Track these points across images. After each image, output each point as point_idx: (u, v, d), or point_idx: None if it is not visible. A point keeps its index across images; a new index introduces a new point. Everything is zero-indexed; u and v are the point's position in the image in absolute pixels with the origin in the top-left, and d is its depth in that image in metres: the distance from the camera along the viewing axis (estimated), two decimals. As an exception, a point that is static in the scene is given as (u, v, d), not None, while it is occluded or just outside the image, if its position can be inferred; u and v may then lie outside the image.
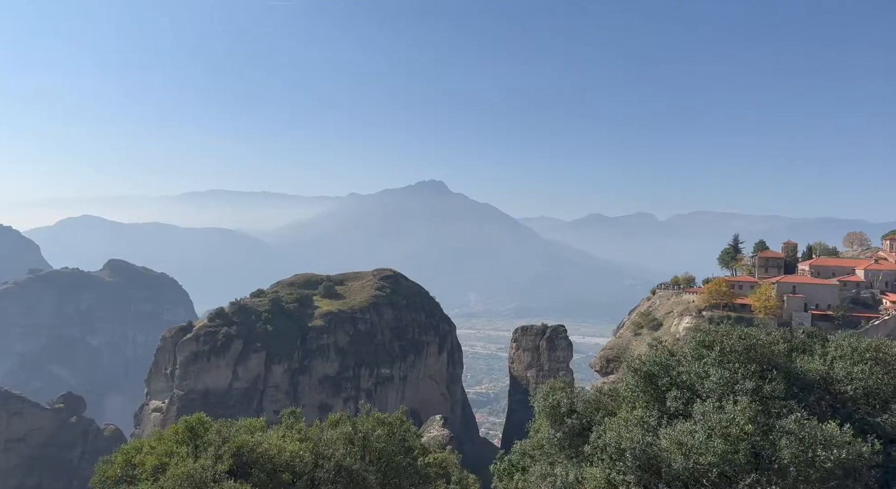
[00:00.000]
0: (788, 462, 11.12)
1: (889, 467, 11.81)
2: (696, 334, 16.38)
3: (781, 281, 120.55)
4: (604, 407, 18.86)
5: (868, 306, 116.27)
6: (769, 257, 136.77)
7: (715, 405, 13.15)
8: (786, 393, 13.13)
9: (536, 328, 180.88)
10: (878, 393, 13.54)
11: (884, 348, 14.31)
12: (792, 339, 16.21)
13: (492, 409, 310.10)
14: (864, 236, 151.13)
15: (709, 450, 11.73)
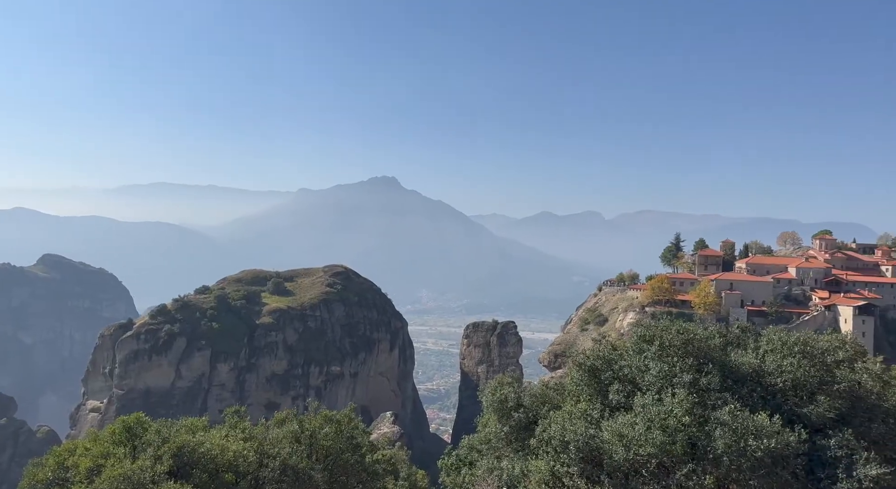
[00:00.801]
0: (722, 452, 11.62)
1: (814, 455, 12.48)
2: (637, 329, 16.87)
3: (720, 278, 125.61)
4: (550, 401, 19.23)
5: (799, 302, 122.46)
6: (708, 255, 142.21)
7: (654, 398, 13.58)
8: (721, 385, 13.69)
9: (487, 324, 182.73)
10: (805, 384, 14.26)
11: (810, 342, 15.08)
12: (727, 334, 16.88)
13: (443, 405, 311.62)
14: (796, 236, 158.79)
15: (648, 441, 12.12)
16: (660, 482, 11.85)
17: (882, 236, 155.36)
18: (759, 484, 11.50)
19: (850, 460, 12.05)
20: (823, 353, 14.95)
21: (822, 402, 13.55)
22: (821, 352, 15.00)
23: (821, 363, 14.79)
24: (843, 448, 12.38)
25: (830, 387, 14.30)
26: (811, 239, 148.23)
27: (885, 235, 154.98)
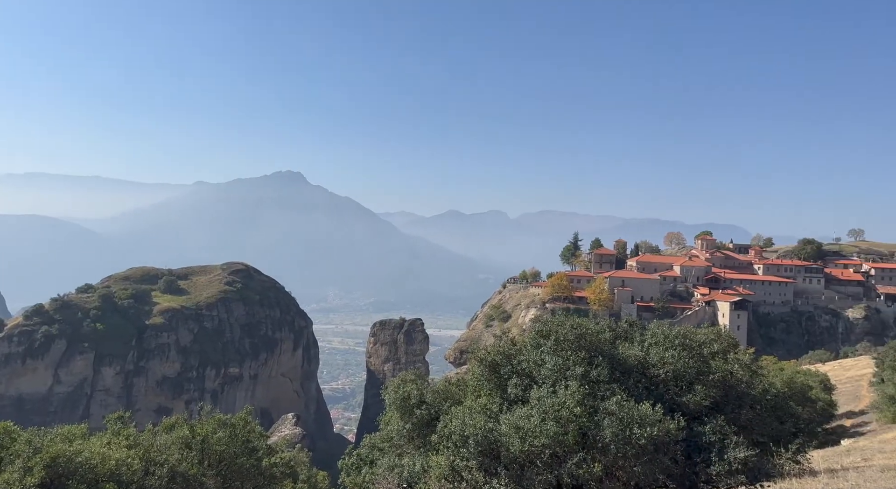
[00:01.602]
0: (610, 440, 12.24)
1: (691, 440, 13.43)
2: (535, 325, 17.41)
3: (613, 275, 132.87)
4: (452, 396, 19.47)
5: (683, 298, 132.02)
6: (603, 254, 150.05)
7: (549, 390, 14.07)
8: (609, 377, 14.39)
9: (394, 322, 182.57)
10: (684, 375, 15.26)
11: (689, 336, 16.17)
12: (616, 329, 17.76)
13: (348, 405, 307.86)
14: (680, 236, 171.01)
15: (542, 432, 12.55)
16: (553, 471, 12.34)
17: (755, 237, 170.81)
18: (643, 469, 12.26)
19: (722, 444, 13.09)
20: (701, 346, 16.08)
21: (699, 391, 14.59)
22: (698, 345, 16.12)
23: (698, 355, 15.90)
24: (717, 433, 13.42)
25: (706, 377, 15.41)
26: (694, 239, 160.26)
27: (758, 236, 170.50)
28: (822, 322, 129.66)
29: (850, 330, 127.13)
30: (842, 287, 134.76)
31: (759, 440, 15.16)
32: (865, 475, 17.52)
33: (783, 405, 17.04)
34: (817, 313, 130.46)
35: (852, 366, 76.69)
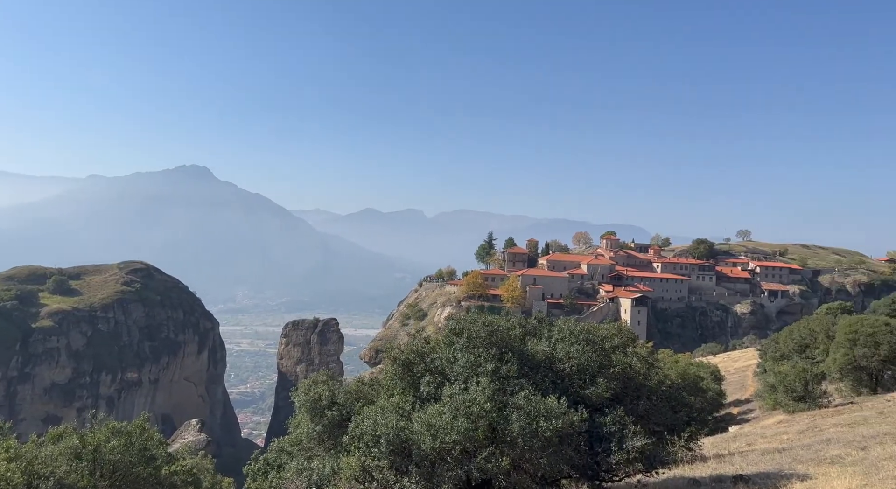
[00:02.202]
0: (518, 434, 12.57)
1: (593, 432, 14.05)
2: (448, 323, 17.57)
3: (525, 274, 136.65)
4: (364, 396, 19.30)
5: (589, 295, 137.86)
6: (516, 253, 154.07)
7: (461, 387, 14.24)
8: (518, 372, 14.76)
9: (308, 322, 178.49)
10: (588, 369, 15.91)
11: (593, 331, 16.89)
12: (526, 325, 18.23)
13: (257, 408, 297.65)
14: (587, 236, 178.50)
15: (454, 429, 12.70)
16: (462, 467, 12.53)
17: (654, 237, 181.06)
18: (548, 461, 12.70)
19: (621, 434, 13.78)
20: (603, 340, 16.83)
21: (601, 384, 15.28)
22: (601, 340, 16.86)
23: (601, 349, 16.63)
24: (617, 424, 14.10)
25: (608, 370, 16.15)
26: (600, 239, 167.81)
27: (657, 236, 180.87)
28: (713, 317, 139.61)
29: (739, 324, 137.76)
30: (731, 284, 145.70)
31: (656, 429, 16.09)
32: (749, 459, 19.04)
33: (677, 395, 18.15)
34: (709, 308, 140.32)
35: (740, 358, 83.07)
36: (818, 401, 32.90)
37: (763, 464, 17.03)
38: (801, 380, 33.23)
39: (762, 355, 54.40)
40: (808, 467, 15.35)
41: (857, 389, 34.76)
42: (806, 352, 45.07)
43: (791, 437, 23.38)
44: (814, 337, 45.16)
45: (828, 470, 14.41)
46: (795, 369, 34.48)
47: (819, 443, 19.60)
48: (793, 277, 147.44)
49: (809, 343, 45.53)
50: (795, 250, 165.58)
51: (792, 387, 33.45)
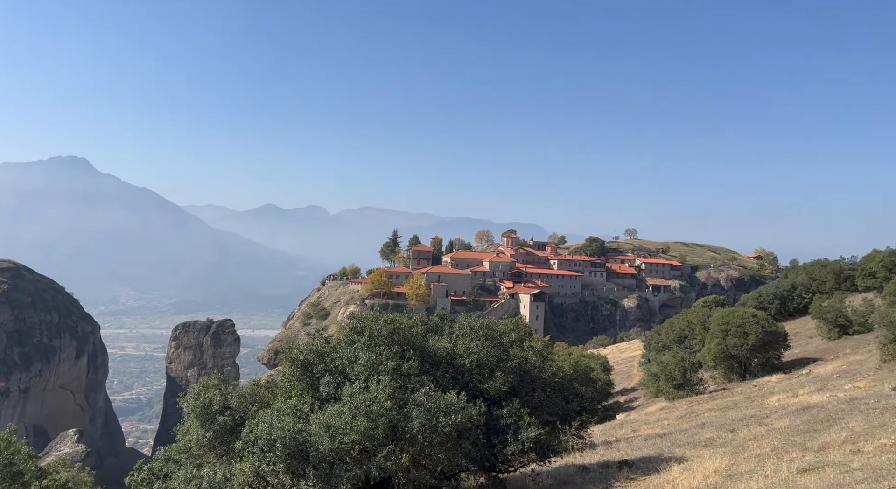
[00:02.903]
0: (417, 430, 12.64)
1: (491, 425, 14.40)
2: (349, 321, 17.36)
3: (429, 271, 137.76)
4: (260, 400, 18.64)
5: (491, 292, 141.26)
6: (421, 250, 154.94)
7: (362, 386, 14.11)
8: (419, 369, 14.84)
9: (201, 324, 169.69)
10: (487, 363, 16.29)
11: (492, 326, 17.31)
12: (428, 322, 18.36)
13: (143, 416, 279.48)
14: (490, 234, 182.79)
15: (353, 429, 12.56)
16: (362, 466, 12.42)
17: (551, 235, 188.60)
18: (447, 456, 12.88)
19: (517, 426, 14.23)
20: (501, 335, 17.29)
21: (499, 378, 15.70)
22: (499, 335, 17.31)
23: (499, 344, 17.08)
24: (513, 416, 14.55)
25: (505, 364, 16.61)
26: (501, 237, 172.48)
27: (554, 235, 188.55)
28: (604, 310, 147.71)
29: (626, 317, 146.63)
30: (620, 279, 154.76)
31: (549, 419, 16.77)
32: (633, 444, 20.32)
33: (569, 386, 19.00)
34: (600, 303, 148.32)
35: (627, 349, 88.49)
36: (695, 388, 35.69)
37: (646, 449, 18.23)
38: (680, 369, 35.89)
39: (646, 346, 58.25)
40: (685, 450, 16.62)
41: (728, 376, 38.02)
42: (685, 342, 48.81)
43: (671, 423, 25.21)
44: (691, 328, 48.98)
45: (702, 452, 15.68)
46: (675, 359, 37.20)
47: (695, 427, 21.28)
48: (674, 273, 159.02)
49: (688, 334, 49.33)
50: (676, 248, 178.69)
51: (672, 376, 36.06)
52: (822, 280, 59.42)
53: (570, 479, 15.01)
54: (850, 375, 26.43)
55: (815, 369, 32.16)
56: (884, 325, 28.47)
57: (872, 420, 13.78)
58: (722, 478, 11.69)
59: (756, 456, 13.18)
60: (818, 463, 10.96)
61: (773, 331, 36.97)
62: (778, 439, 14.54)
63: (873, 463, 10.01)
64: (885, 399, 16.44)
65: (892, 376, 22.24)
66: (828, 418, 15.64)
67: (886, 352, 27.78)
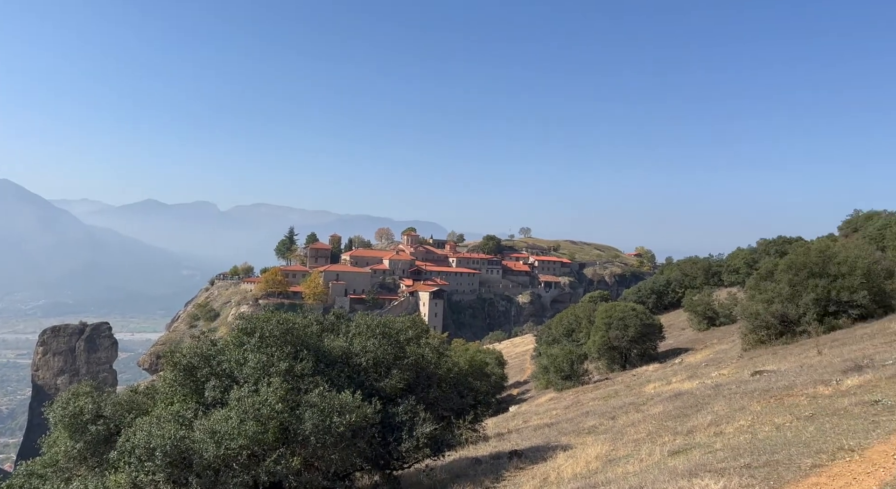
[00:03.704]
0: (310, 432, 12.39)
1: (386, 422, 14.40)
2: (238, 322, 16.69)
3: (328, 270, 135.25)
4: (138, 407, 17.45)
5: (391, 290, 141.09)
6: (319, 248, 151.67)
7: (251, 389, 13.62)
8: (314, 369, 14.55)
9: (73, 327, 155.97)
10: (384, 361, 16.27)
11: (389, 324, 17.30)
12: (324, 321, 18.04)
13: (5, 428, 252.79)
14: (390, 232, 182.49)
15: (241, 434, 12.09)
16: (250, 471, 11.99)
17: (450, 233, 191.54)
18: (340, 456, 12.72)
19: (412, 422, 14.33)
20: (398, 333, 17.33)
21: (395, 375, 15.73)
22: (396, 333, 17.35)
23: (395, 342, 17.11)
24: (408, 413, 14.63)
25: (402, 361, 16.67)
26: (401, 234, 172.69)
27: (452, 233, 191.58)
28: (499, 307, 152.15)
29: (520, 312, 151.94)
30: (515, 276, 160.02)
31: (444, 414, 17.05)
32: (523, 435, 21.11)
33: (464, 381, 19.42)
34: (496, 299, 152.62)
35: (521, 343, 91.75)
36: (581, 378, 37.69)
37: (535, 439, 19.01)
38: (568, 361, 37.76)
39: (538, 340, 60.72)
40: (570, 438, 17.51)
41: (611, 366, 40.48)
42: (573, 335, 51.38)
43: (559, 412, 26.45)
44: (578, 322, 51.64)
45: (585, 439, 16.59)
46: (564, 351, 39.08)
47: (580, 415, 22.46)
48: (564, 270, 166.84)
49: (575, 328, 51.97)
50: (566, 246, 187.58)
51: (561, 368, 37.85)
52: (693, 276, 64.76)
53: (463, 472, 15.34)
54: (717, 363, 29.02)
55: (687, 358, 35.00)
56: (744, 317, 31.52)
57: (733, 404, 15.20)
58: (602, 463, 12.44)
59: (633, 441, 14.14)
60: (686, 445, 11.94)
61: (650, 324, 39.80)
62: (653, 424, 15.69)
63: (732, 443, 11.04)
64: (744, 384, 18.19)
65: (751, 363, 24.65)
66: (696, 403, 17.07)
67: (747, 341, 30.78)
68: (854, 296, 27.17)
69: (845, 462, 8.07)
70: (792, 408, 12.76)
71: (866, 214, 63.17)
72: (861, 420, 10.33)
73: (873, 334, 23.02)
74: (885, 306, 27.84)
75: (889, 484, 6.93)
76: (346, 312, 20.75)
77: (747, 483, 7.80)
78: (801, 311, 28.16)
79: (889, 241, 36.51)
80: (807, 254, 29.94)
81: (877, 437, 8.89)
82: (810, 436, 9.97)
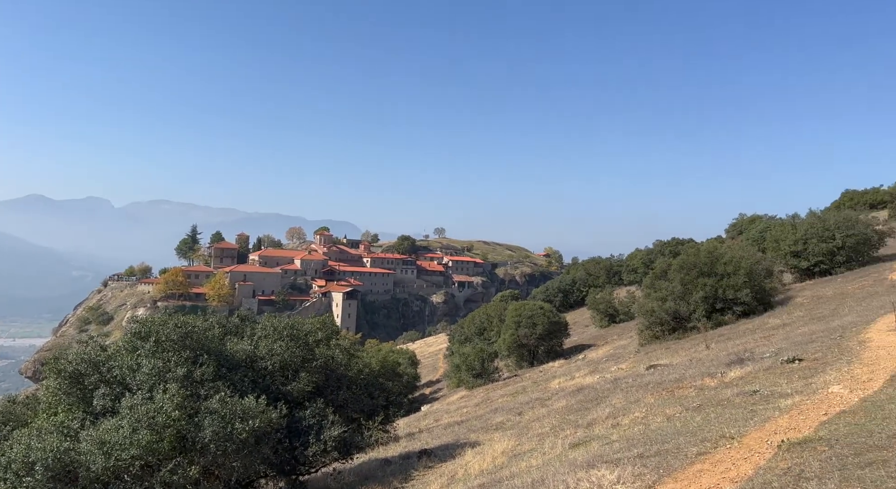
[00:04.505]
0: (210, 439, 11.84)
1: (292, 427, 14.04)
2: (132, 326, 15.72)
3: (234, 270, 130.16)
4: (17, 418, 16.04)
5: (303, 291, 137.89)
6: (224, 248, 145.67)
7: (145, 397, 12.88)
8: (215, 375, 13.94)
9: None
10: (291, 364, 15.85)
11: (297, 326, 16.87)
12: (227, 324, 17.35)
13: None
14: (301, 231, 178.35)
15: (133, 443, 11.39)
16: (143, 483, 11.31)
17: (364, 233, 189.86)
18: (242, 463, 12.26)
19: (320, 426, 14.06)
20: (307, 335, 16.95)
21: (303, 378, 15.38)
22: (305, 334, 16.95)
23: (304, 344, 16.72)
24: (316, 416, 14.35)
25: (311, 363, 16.33)
26: (313, 234, 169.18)
27: (367, 233, 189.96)
28: (414, 306, 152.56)
29: (434, 312, 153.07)
30: (429, 276, 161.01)
31: (354, 416, 16.87)
32: (434, 433, 21.27)
33: (375, 382, 19.31)
34: (411, 299, 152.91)
35: (434, 343, 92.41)
36: (492, 376, 38.50)
37: (445, 437, 19.21)
38: (479, 359, 38.45)
39: (451, 339, 61.45)
40: (479, 435, 17.83)
41: (520, 363, 41.62)
42: (484, 334, 52.40)
43: (469, 410, 26.88)
44: (490, 321, 52.74)
45: (493, 435, 16.96)
46: (475, 350, 39.77)
47: (489, 412, 22.94)
48: (477, 270, 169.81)
49: (487, 326, 53.03)
50: (479, 246, 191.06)
51: (472, 366, 38.50)
52: (596, 275, 67.88)
53: (373, 474, 15.24)
54: (616, 358, 30.56)
55: (590, 354, 36.62)
56: (641, 314, 33.40)
57: (630, 397, 16.06)
58: (508, 458, 12.76)
59: (538, 435, 14.60)
60: (586, 437, 12.47)
61: (556, 322, 41.29)
62: (556, 419, 16.28)
63: (628, 434, 11.65)
64: (640, 378, 19.26)
65: (647, 358, 26.15)
66: (596, 397, 17.89)
67: (643, 337, 32.63)
68: (738, 294, 29.46)
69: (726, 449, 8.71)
70: (682, 399, 13.66)
71: (750, 218, 68.76)
72: (741, 409, 11.21)
73: (754, 329, 25.07)
74: (765, 303, 30.38)
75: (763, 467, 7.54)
76: (254, 314, 20.06)
77: (639, 472, 8.25)
78: (691, 308, 30.20)
79: (769, 243, 39.90)
80: (697, 255, 32.14)
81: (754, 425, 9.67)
82: (697, 425, 10.70)
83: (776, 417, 9.82)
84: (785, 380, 12.61)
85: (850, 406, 9.48)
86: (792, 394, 11.18)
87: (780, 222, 48.13)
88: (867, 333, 15.66)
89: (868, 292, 26.26)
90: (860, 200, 66.41)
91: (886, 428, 7.77)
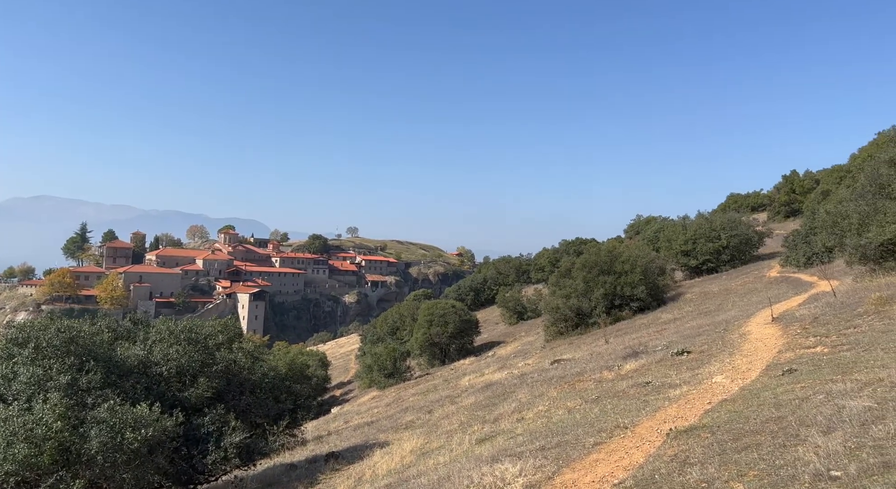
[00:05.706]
0: (97, 451, 11.07)
1: (190, 435, 13.36)
2: (7, 332, 14.41)
3: (129, 271, 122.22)
4: None
5: (205, 292, 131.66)
6: (118, 247, 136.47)
7: (23, 407, 11.85)
8: (103, 382, 13.05)
9: None
10: (189, 369, 15.10)
11: (196, 329, 16.08)
12: (117, 328, 16.29)
13: None
14: (204, 230, 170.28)
15: (8, 458, 10.46)
16: (18, 502, 10.38)
17: (273, 232, 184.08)
18: (133, 475, 11.53)
19: (220, 433, 13.47)
20: (206, 338, 16.20)
21: (202, 384, 14.68)
22: (204, 338, 16.20)
23: (204, 348, 15.97)
24: (216, 423, 13.73)
25: (211, 368, 15.61)
26: (217, 233, 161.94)
27: (276, 232, 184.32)
28: (325, 307, 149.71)
29: (347, 312, 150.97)
30: (342, 276, 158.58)
31: (258, 421, 16.29)
32: (343, 436, 20.98)
33: (281, 385, 18.73)
34: (322, 299, 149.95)
35: (346, 344, 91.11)
36: (404, 375, 38.51)
37: (354, 439, 18.99)
38: (391, 359, 38.36)
39: (363, 340, 60.86)
40: (388, 435, 17.77)
41: (432, 362, 41.90)
42: (397, 333, 52.34)
43: (380, 410, 26.73)
44: (403, 320, 52.74)
45: (402, 434, 16.95)
46: (387, 349, 39.63)
47: (400, 411, 22.92)
48: (390, 269, 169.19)
49: (399, 326, 52.99)
50: (393, 246, 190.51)
51: (384, 366, 38.34)
52: (506, 274, 69.59)
53: (277, 480, 14.80)
54: (524, 354, 31.47)
55: (499, 351, 37.49)
56: (547, 311, 34.61)
57: (534, 391, 16.58)
58: (416, 456, 12.80)
59: (446, 432, 14.76)
60: (492, 432, 12.75)
61: (468, 320, 41.96)
62: (465, 415, 16.53)
63: (531, 427, 12.02)
64: (545, 372, 19.93)
65: (552, 353, 27.12)
66: (504, 393, 18.33)
67: (549, 333, 33.83)
68: (635, 290, 31.21)
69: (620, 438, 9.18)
70: (582, 392, 14.27)
71: (646, 219, 73.03)
72: (635, 400, 11.86)
73: (649, 324, 26.64)
74: (658, 299, 32.39)
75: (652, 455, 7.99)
76: (150, 317, 18.91)
77: (540, 464, 8.52)
78: (592, 305, 31.66)
79: (662, 243, 42.58)
80: (598, 254, 33.75)
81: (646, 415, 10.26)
82: (594, 416, 11.21)
83: (666, 407, 10.46)
84: (675, 372, 13.47)
85: (730, 395, 10.26)
86: (680, 385, 11.96)
87: (672, 223, 51.45)
88: (747, 327, 17.03)
89: (749, 288, 28.63)
90: (743, 203, 72.35)
91: (760, 414, 8.47)
